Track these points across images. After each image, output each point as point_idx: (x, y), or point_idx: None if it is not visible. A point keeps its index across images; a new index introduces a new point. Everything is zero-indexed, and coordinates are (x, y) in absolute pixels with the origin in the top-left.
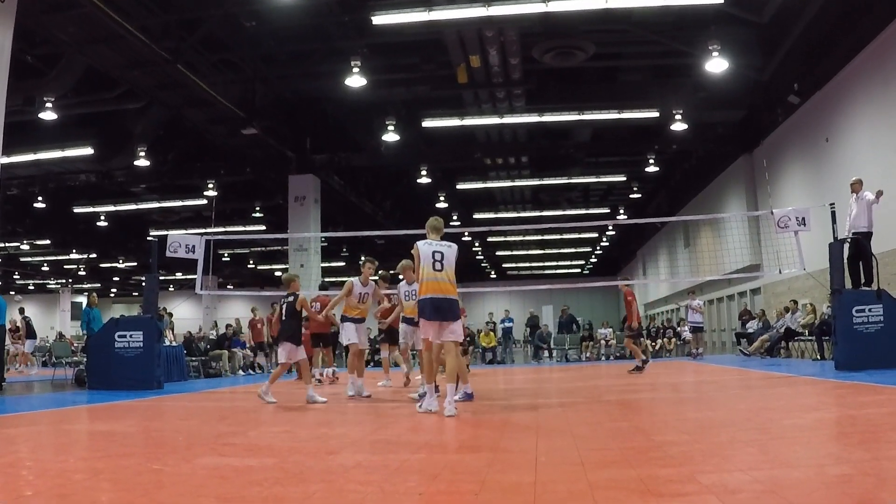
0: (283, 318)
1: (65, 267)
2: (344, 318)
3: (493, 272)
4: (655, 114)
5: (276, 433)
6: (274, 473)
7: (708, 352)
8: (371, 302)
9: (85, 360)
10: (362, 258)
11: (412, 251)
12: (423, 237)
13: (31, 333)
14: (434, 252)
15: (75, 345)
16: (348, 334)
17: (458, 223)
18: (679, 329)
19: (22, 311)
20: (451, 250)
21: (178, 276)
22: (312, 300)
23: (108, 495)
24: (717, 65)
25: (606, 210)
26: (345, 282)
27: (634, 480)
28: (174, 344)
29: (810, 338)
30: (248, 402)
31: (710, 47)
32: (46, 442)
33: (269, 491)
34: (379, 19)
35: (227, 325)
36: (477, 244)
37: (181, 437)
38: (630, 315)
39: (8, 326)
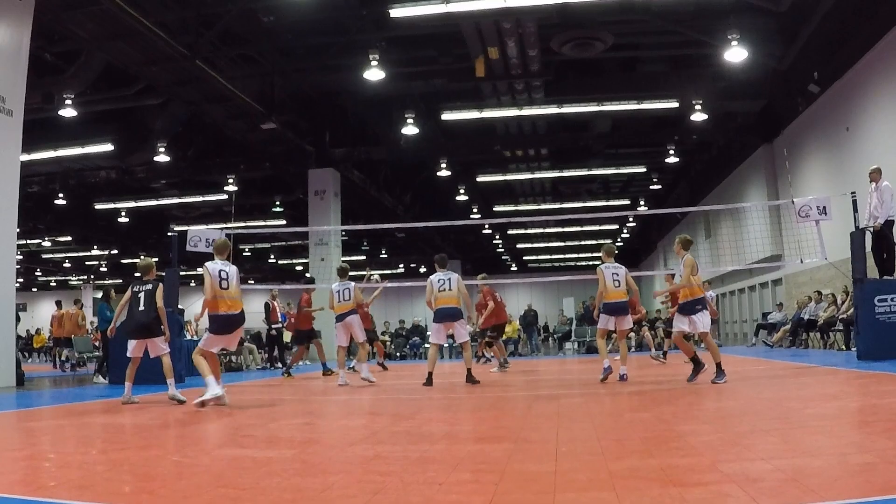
0: None
1: (86, 263)
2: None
3: (513, 264)
4: (675, 104)
5: (295, 425)
6: (293, 464)
7: (729, 343)
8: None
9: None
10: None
11: None
12: (445, 230)
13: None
14: None
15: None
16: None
17: (479, 216)
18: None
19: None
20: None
21: (199, 270)
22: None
23: (128, 486)
24: (736, 54)
25: (627, 201)
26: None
27: (655, 470)
28: (196, 338)
29: (837, 328)
30: (267, 396)
31: (728, 36)
32: (68, 435)
33: (289, 482)
34: (396, 12)
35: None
36: (497, 237)
37: (201, 430)
38: (488, 316)
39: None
